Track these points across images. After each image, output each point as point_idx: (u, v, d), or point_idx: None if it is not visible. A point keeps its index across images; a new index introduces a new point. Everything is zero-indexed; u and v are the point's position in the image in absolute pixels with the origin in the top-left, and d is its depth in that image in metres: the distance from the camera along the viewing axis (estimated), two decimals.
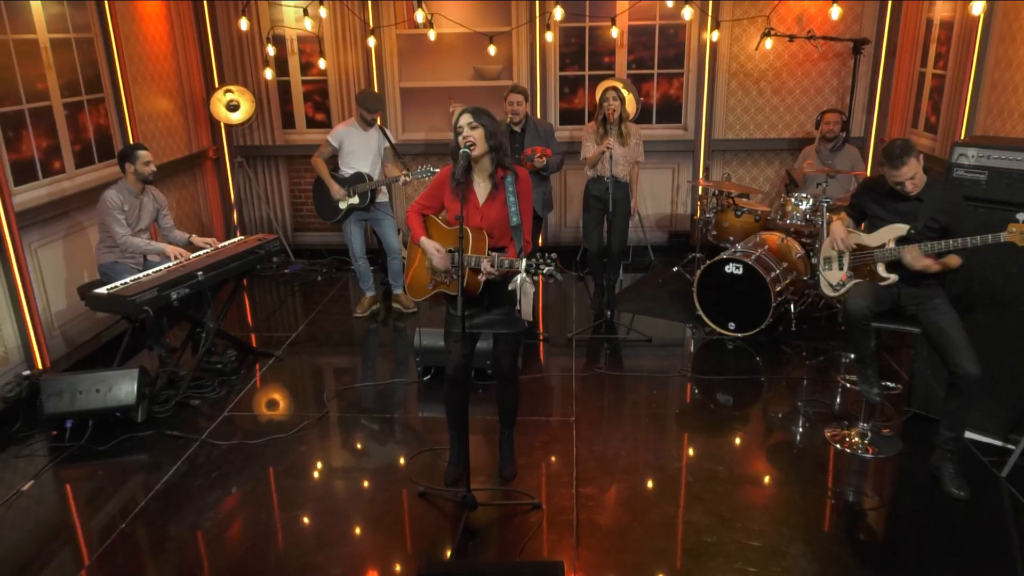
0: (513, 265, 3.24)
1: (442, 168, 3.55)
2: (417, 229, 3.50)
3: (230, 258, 4.83)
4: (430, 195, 3.52)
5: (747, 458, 3.99)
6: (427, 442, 4.16)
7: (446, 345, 3.62)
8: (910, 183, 3.56)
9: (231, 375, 4.99)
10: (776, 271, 5.31)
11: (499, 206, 3.41)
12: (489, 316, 3.50)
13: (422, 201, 3.54)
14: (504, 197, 3.41)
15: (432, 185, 3.52)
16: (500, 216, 3.41)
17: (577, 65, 7.07)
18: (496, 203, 3.40)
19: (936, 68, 6.04)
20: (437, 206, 3.53)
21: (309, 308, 6.32)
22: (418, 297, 3.61)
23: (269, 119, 7.24)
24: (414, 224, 3.52)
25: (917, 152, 3.54)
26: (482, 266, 3.28)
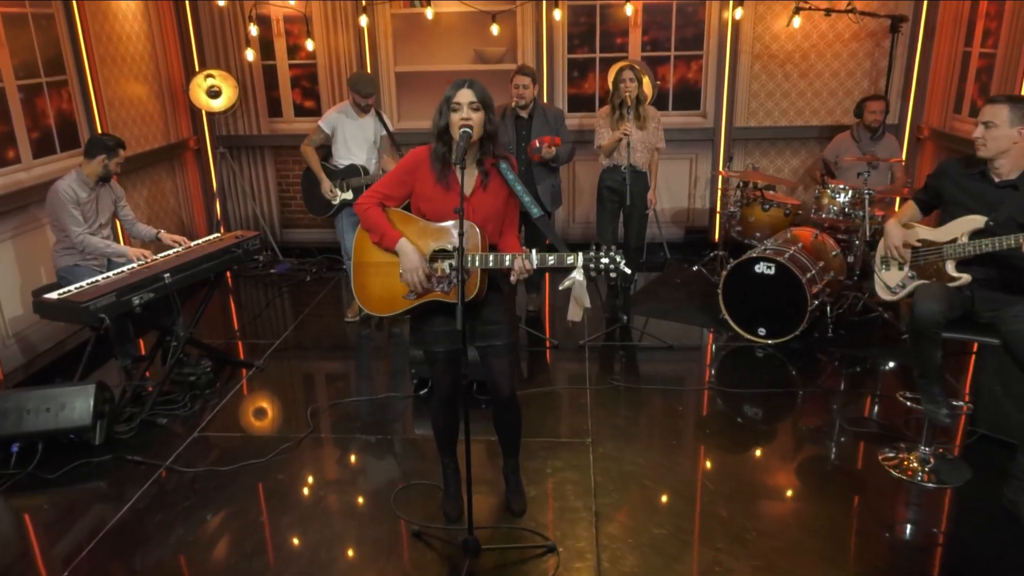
0: (563, 261, 2.69)
1: (411, 151, 3.00)
2: (390, 229, 2.88)
3: (203, 258, 4.31)
4: (398, 182, 2.92)
5: (791, 488, 3.45)
6: (424, 467, 3.63)
7: (433, 369, 3.07)
8: (981, 136, 3.07)
9: (205, 389, 4.46)
10: (812, 271, 4.77)
11: (492, 197, 2.87)
12: (480, 326, 2.97)
13: (383, 190, 2.92)
14: (497, 186, 2.88)
15: (400, 170, 2.93)
16: (494, 208, 2.88)
17: (587, 47, 6.53)
18: (488, 194, 2.87)
19: (984, 47, 5.50)
20: (404, 195, 2.94)
21: (297, 311, 5.79)
22: (385, 312, 2.99)
23: (254, 106, 6.70)
24: (379, 222, 2.89)
25: (1021, 106, 3.02)
26: (516, 265, 2.73)
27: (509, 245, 2.92)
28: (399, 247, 2.87)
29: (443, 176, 2.85)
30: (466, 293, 2.82)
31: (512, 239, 2.94)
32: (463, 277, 2.62)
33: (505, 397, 3.06)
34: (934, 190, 3.45)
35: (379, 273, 2.98)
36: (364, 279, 3.02)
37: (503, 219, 2.92)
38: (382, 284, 2.98)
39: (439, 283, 2.90)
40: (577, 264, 2.66)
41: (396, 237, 2.88)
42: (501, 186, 2.88)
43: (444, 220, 2.86)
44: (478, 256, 2.78)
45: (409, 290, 2.92)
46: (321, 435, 3.98)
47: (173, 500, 3.43)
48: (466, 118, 2.74)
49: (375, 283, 3.00)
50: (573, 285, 2.70)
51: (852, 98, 6.38)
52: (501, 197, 2.89)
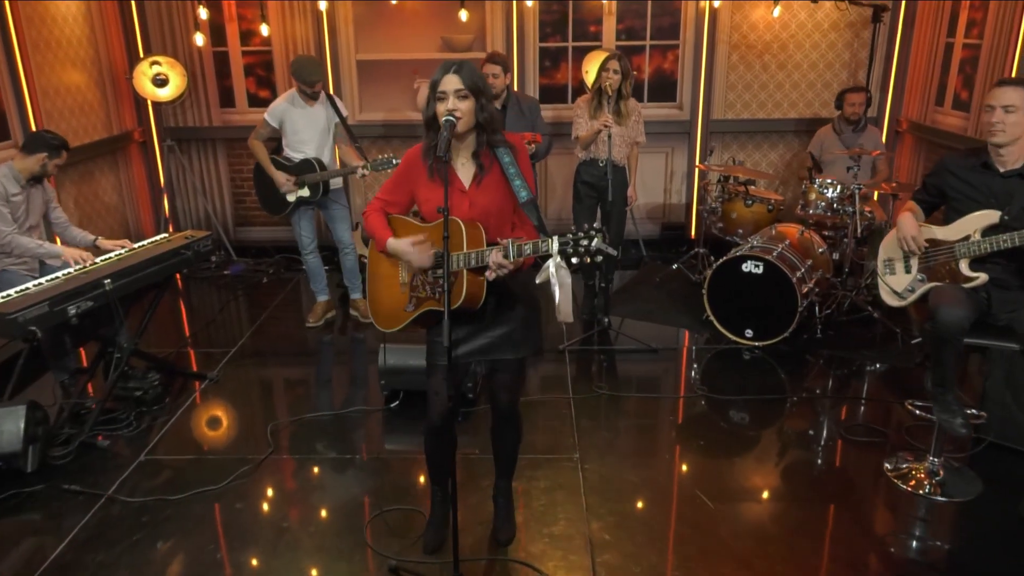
0: (539, 248, 2.38)
1: (408, 151, 2.69)
2: (383, 231, 2.61)
3: (148, 261, 3.90)
4: (395, 186, 2.66)
5: (794, 504, 3.22)
6: (398, 491, 3.31)
7: (431, 384, 2.75)
8: (1000, 121, 2.88)
9: (153, 405, 4.07)
10: (801, 270, 4.57)
11: (492, 190, 2.57)
12: (490, 337, 2.65)
13: (384, 196, 2.68)
14: (498, 177, 2.57)
15: (397, 174, 2.66)
16: (495, 202, 2.57)
17: (560, 35, 6.24)
18: (487, 186, 2.56)
19: (968, 37, 5.36)
20: (406, 200, 2.67)
21: (253, 316, 5.39)
22: (394, 326, 2.71)
23: (204, 96, 6.26)
24: (376, 225, 2.64)
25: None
26: (490, 259, 2.43)
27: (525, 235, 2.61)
28: (389, 246, 2.58)
29: (437, 170, 2.54)
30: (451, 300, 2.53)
31: (523, 231, 2.62)
32: (448, 284, 2.30)
33: (508, 412, 2.78)
34: (935, 188, 3.26)
35: (385, 286, 2.72)
36: (375, 292, 2.77)
37: (510, 213, 2.61)
38: (387, 298, 2.72)
39: (432, 290, 2.59)
40: (552, 249, 2.34)
41: (384, 238, 2.59)
42: (501, 177, 2.58)
43: (437, 218, 2.55)
44: (460, 256, 2.47)
45: (410, 297, 2.62)
46: (283, 456, 3.62)
47: (117, 535, 3.05)
48: (452, 108, 2.43)
49: (382, 298, 2.74)
50: (551, 275, 2.37)
51: (831, 90, 6.21)
52: (502, 188, 2.58)
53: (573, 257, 2.31)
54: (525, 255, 2.40)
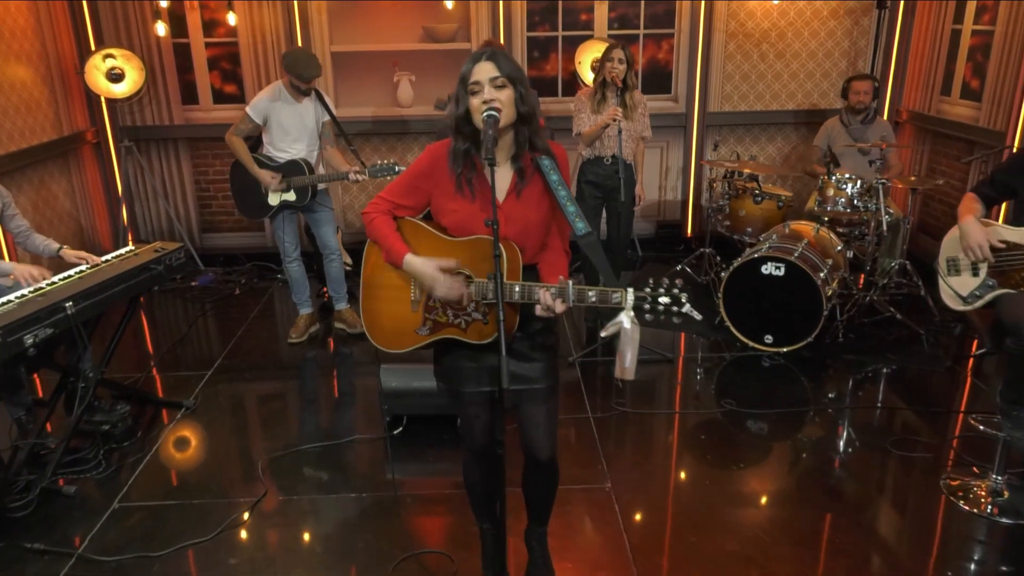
0: (607, 298, 2.03)
1: (428, 147, 2.31)
2: (397, 242, 2.22)
3: (114, 279, 3.43)
4: (409, 189, 2.26)
5: (854, 527, 2.93)
6: (420, 530, 2.93)
7: (467, 411, 2.39)
8: None
9: (123, 440, 3.61)
10: (824, 270, 4.30)
11: (533, 203, 2.20)
12: (521, 367, 2.29)
13: (394, 198, 2.26)
14: (538, 191, 2.21)
15: (412, 173, 2.26)
16: (535, 218, 2.20)
17: (548, 24, 5.88)
18: (528, 199, 2.19)
19: (978, 24, 5.16)
20: (419, 204, 2.28)
21: (228, 333, 4.92)
22: (397, 348, 2.33)
23: (164, 92, 5.74)
24: (386, 233, 2.23)
25: None
26: (542, 301, 2.07)
27: (552, 265, 2.24)
28: (406, 263, 2.18)
29: (466, 179, 2.16)
30: (483, 334, 2.18)
31: (556, 256, 2.27)
32: (502, 315, 1.93)
33: (544, 457, 2.40)
34: (1005, 186, 3.00)
35: (389, 299, 2.30)
36: (372, 304, 2.34)
37: (546, 232, 2.25)
38: (392, 313, 2.30)
39: (455, 316, 2.21)
40: (626, 303, 2.01)
41: (402, 252, 2.19)
42: (544, 189, 2.21)
43: (469, 234, 2.17)
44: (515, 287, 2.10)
45: (420, 323, 2.24)
46: (280, 496, 3.21)
47: None
48: (490, 99, 2.05)
49: (384, 311, 2.32)
50: (619, 332, 2.04)
51: (830, 80, 5.99)
52: (544, 204, 2.21)
53: (648, 315, 1.98)
54: (588, 303, 2.05)
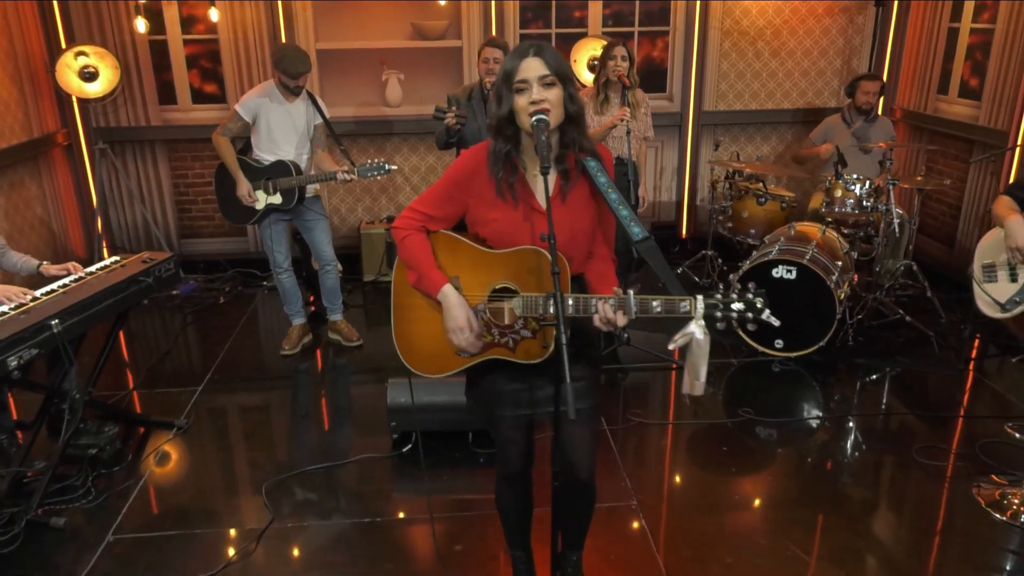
0: (675, 308, 1.89)
1: (463, 153, 2.14)
2: (432, 269, 2.04)
3: (102, 293, 3.20)
4: (444, 197, 2.09)
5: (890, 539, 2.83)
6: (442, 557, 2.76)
7: (504, 435, 2.23)
8: None
9: (112, 465, 3.38)
10: (835, 273, 4.22)
11: (579, 210, 2.04)
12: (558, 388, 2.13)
13: (427, 209, 2.08)
14: (585, 197, 2.06)
15: (447, 182, 2.09)
16: (582, 225, 2.04)
17: (542, 21, 5.72)
18: (573, 206, 2.04)
19: (977, 22, 5.12)
20: (454, 215, 2.11)
21: (215, 345, 4.67)
22: (436, 372, 2.16)
23: (140, 92, 5.46)
24: (421, 256, 2.05)
25: None
26: (601, 314, 1.91)
27: (601, 275, 2.09)
28: (441, 296, 2.01)
29: (508, 185, 2.00)
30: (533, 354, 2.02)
31: (604, 265, 2.12)
32: (563, 337, 1.77)
33: (583, 478, 2.26)
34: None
35: (425, 319, 2.12)
36: (406, 327, 2.17)
37: (592, 239, 2.09)
38: (429, 334, 2.12)
39: (502, 336, 2.04)
40: (696, 312, 1.87)
41: (439, 282, 2.01)
42: (590, 195, 2.05)
43: (511, 245, 2.01)
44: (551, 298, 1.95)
45: None
46: (288, 523, 3.01)
47: None
48: (538, 99, 1.89)
49: (420, 333, 2.14)
50: (690, 344, 1.90)
51: (824, 78, 5.94)
52: (590, 209, 2.06)
53: (720, 323, 1.84)
54: (652, 314, 1.90)
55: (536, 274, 1.97)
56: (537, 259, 1.96)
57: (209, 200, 5.83)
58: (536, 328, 2.01)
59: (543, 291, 1.96)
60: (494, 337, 2.06)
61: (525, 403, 2.15)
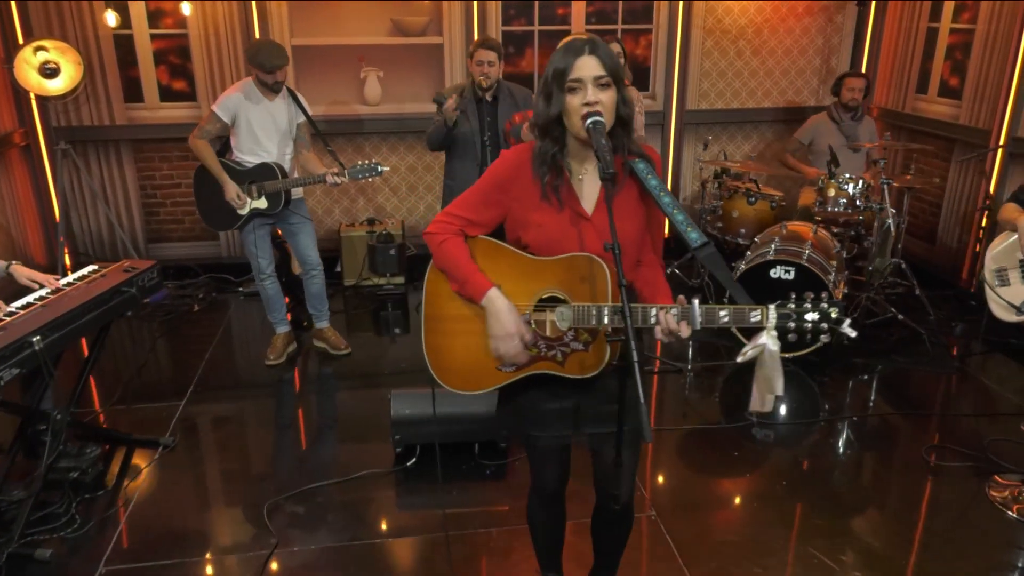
0: (745, 318, 1.79)
1: (503, 154, 2.02)
2: (475, 273, 1.91)
3: (85, 306, 2.98)
4: (484, 200, 1.96)
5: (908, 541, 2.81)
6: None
7: (541, 454, 2.12)
8: None
9: (96, 489, 3.16)
10: (832, 273, 4.20)
11: (627, 214, 1.93)
12: (599, 407, 2.02)
13: (466, 213, 1.96)
14: (634, 200, 1.95)
15: (489, 184, 1.96)
16: (631, 232, 1.93)
17: (524, 18, 5.61)
18: (620, 210, 1.91)
19: (957, 22, 5.19)
20: (495, 220, 1.98)
21: (193, 356, 4.44)
22: (475, 388, 2.02)
23: (104, 89, 5.18)
24: (461, 261, 1.92)
25: None
26: (664, 324, 1.80)
27: (652, 283, 1.99)
28: (487, 301, 1.87)
29: (553, 188, 1.88)
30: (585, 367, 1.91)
31: (654, 273, 2.02)
32: (634, 354, 1.66)
33: (623, 501, 2.15)
34: None
35: (460, 332, 1.98)
36: (439, 341, 2.02)
37: (641, 245, 1.99)
38: (465, 348, 1.99)
39: (549, 348, 1.93)
40: (768, 322, 1.78)
41: (484, 286, 1.88)
42: (639, 198, 1.95)
43: (556, 251, 1.89)
44: (606, 309, 1.84)
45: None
46: (293, 547, 2.84)
47: None
48: (592, 101, 1.78)
49: (456, 347, 2.00)
50: (761, 356, 1.81)
51: (804, 77, 5.96)
52: (639, 214, 1.95)
53: (792, 334, 1.75)
54: (719, 324, 1.80)
55: (590, 283, 1.85)
56: (590, 267, 1.85)
57: (178, 203, 5.58)
58: (588, 340, 1.90)
59: (596, 301, 1.85)
60: (540, 350, 1.94)
61: (568, 423, 2.04)
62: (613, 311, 1.83)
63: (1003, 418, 3.67)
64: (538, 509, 2.28)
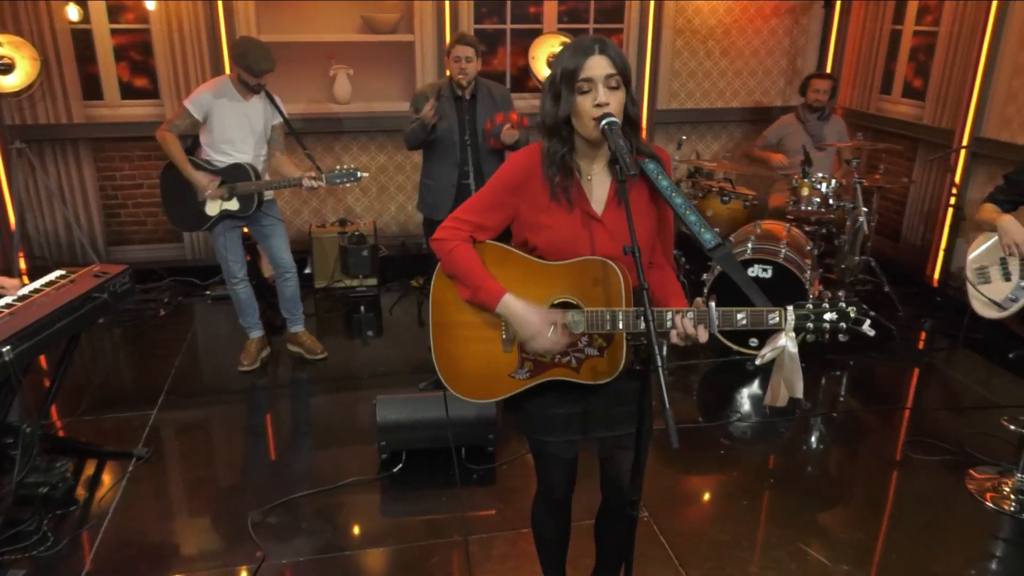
0: (763, 319, 1.78)
1: (511, 157, 1.98)
2: (488, 279, 1.88)
3: (55, 314, 2.84)
4: (494, 204, 1.92)
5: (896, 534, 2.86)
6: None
7: (541, 462, 2.10)
8: None
9: (67, 504, 3.02)
10: (807, 271, 4.26)
11: (638, 216, 1.89)
12: (609, 411, 2.01)
13: (475, 218, 1.92)
14: (644, 201, 1.93)
15: (499, 187, 1.92)
16: (642, 234, 1.89)
17: (496, 17, 5.57)
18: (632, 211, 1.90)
19: (920, 24, 5.31)
20: (503, 223, 1.94)
21: (162, 363, 4.29)
22: (487, 396, 2.01)
23: (61, 85, 4.97)
24: (473, 268, 1.89)
25: None
26: (679, 328, 1.79)
27: (664, 287, 1.97)
28: (503, 307, 1.84)
29: (563, 189, 1.85)
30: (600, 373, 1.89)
31: (665, 276, 2.00)
32: (660, 359, 1.64)
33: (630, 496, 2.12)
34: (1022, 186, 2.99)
35: (471, 339, 1.95)
36: (449, 346, 1.98)
37: (652, 248, 1.97)
38: (478, 355, 1.95)
39: (563, 355, 1.90)
40: (786, 324, 1.78)
41: (497, 293, 1.84)
42: (649, 200, 1.93)
43: (568, 254, 1.86)
44: (621, 314, 1.82)
45: (517, 366, 1.91)
46: (282, 560, 2.75)
47: None
48: (603, 102, 1.76)
49: (467, 354, 1.97)
50: (781, 357, 1.81)
51: (771, 78, 6.04)
52: (650, 216, 1.93)
53: (811, 335, 1.75)
54: (737, 327, 1.79)
55: (603, 286, 1.83)
56: (604, 270, 1.83)
57: (140, 204, 5.40)
58: (603, 345, 1.87)
59: (612, 305, 1.83)
60: (555, 356, 1.91)
61: (577, 428, 2.01)
62: (627, 316, 1.80)
63: (977, 411, 3.76)
64: (544, 515, 2.25)
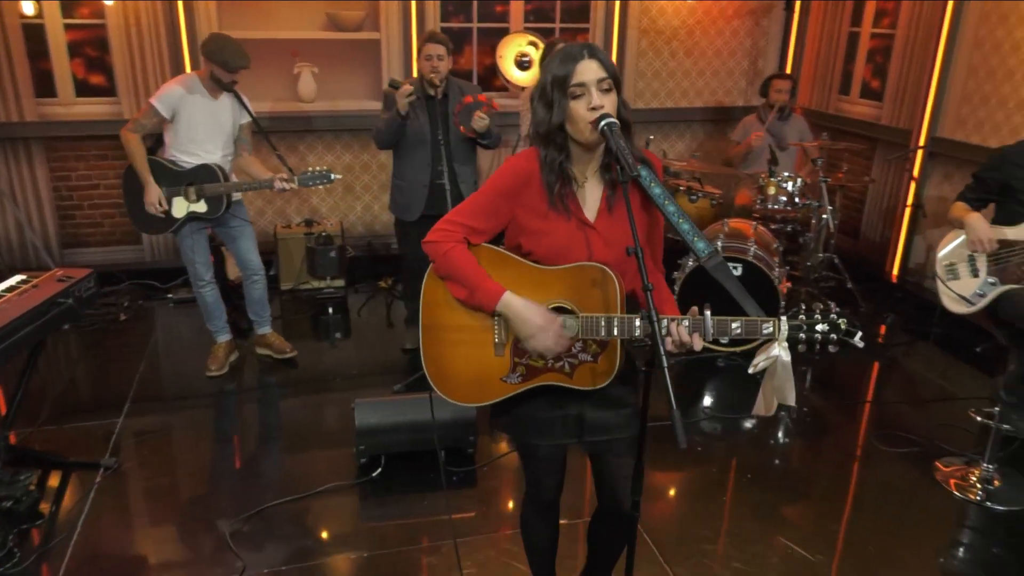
0: (757, 329, 1.80)
1: (508, 161, 1.97)
2: (486, 279, 1.86)
3: (19, 321, 2.74)
4: (491, 208, 1.90)
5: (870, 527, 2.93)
6: None
7: (530, 465, 2.09)
8: None
9: (33, 519, 2.91)
10: (776, 268, 4.34)
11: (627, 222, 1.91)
12: (593, 412, 2.01)
13: (470, 221, 1.89)
14: (638, 205, 1.93)
15: (496, 191, 1.90)
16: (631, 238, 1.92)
17: (463, 15, 5.54)
18: (622, 217, 1.89)
19: (878, 27, 5.44)
20: (498, 228, 1.93)
21: (125, 369, 4.15)
22: (477, 400, 1.98)
23: (12, 82, 4.78)
24: (469, 268, 1.86)
25: None
26: (675, 336, 1.80)
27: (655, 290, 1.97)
28: (503, 305, 1.82)
29: (560, 196, 1.85)
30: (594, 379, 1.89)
31: (656, 280, 2.01)
32: (666, 363, 1.65)
33: (623, 502, 2.13)
34: (995, 183, 3.08)
35: (462, 342, 1.92)
36: (439, 350, 1.95)
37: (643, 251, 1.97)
38: (468, 359, 1.93)
39: (557, 359, 1.90)
40: (778, 334, 1.80)
41: (496, 292, 1.83)
42: (641, 206, 1.93)
43: (564, 260, 1.86)
44: (616, 320, 1.82)
45: (509, 370, 1.90)
46: (263, 570, 2.69)
47: None
48: (599, 104, 1.76)
49: (457, 357, 1.94)
50: (773, 366, 1.84)
51: (733, 78, 6.14)
52: (642, 222, 1.93)
53: (802, 345, 1.78)
54: (731, 335, 1.80)
55: (601, 290, 1.83)
56: (602, 275, 1.83)
57: (97, 205, 5.23)
58: (597, 351, 1.87)
59: (608, 310, 1.83)
60: (547, 361, 1.90)
61: (568, 431, 2.01)
62: (622, 322, 1.81)
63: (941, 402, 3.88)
64: (534, 519, 2.25)
